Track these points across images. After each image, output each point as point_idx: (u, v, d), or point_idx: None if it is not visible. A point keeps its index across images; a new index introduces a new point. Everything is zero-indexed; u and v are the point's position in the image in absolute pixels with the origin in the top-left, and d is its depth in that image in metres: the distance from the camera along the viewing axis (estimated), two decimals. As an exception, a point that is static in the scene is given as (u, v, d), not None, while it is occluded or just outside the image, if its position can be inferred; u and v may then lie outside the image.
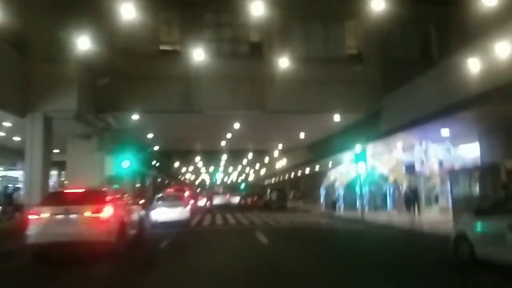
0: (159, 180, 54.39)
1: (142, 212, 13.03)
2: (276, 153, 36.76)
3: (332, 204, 26.27)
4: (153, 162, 39.94)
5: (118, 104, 16.96)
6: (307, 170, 41.74)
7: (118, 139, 22.43)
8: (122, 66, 16.94)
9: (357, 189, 24.36)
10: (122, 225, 9.98)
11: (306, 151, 32.78)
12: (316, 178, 46.02)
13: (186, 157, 40.50)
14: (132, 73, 16.94)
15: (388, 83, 18.81)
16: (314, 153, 31.10)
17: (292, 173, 47.72)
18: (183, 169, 53.79)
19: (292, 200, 42.20)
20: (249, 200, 50.81)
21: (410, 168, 18.79)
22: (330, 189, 30.68)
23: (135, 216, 12.17)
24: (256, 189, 76.29)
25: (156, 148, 29.78)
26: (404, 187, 21.37)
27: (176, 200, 19.11)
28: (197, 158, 41.05)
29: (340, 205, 26.67)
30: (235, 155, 38.69)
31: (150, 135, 23.63)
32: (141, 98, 16.96)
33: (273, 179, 60.73)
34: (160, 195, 20.52)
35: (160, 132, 23.00)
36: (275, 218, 22.52)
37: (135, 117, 18.22)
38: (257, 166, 53.13)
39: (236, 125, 21.20)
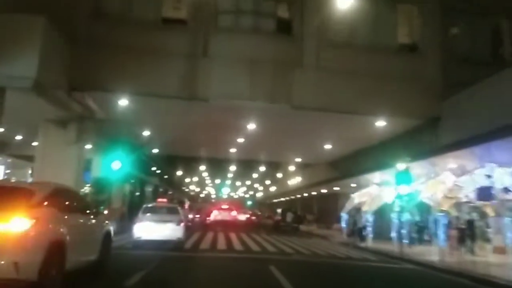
0: (161, 190, 50.42)
1: (107, 228, 8.81)
2: (291, 168, 32.46)
3: (358, 231, 21.74)
4: (153, 168, 35.97)
5: (100, 82, 12.95)
6: (324, 190, 37.28)
7: (105, 132, 18.41)
8: (110, 33, 13.05)
9: (393, 217, 19.87)
10: (55, 249, 5.79)
11: (327, 168, 28.43)
12: (332, 201, 41.60)
13: (190, 165, 36.42)
14: (121, 43, 13.02)
15: (450, 85, 14.60)
16: (336, 170, 26.73)
17: (305, 193, 43.28)
18: (187, 179, 49.64)
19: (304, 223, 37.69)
20: (256, 218, 46.62)
21: (484, 195, 14.30)
22: (354, 213, 26.18)
23: (93, 234, 8.01)
24: (264, 208, 72.08)
25: (155, 151, 25.73)
26: (457, 218, 16.91)
27: (168, 213, 14.87)
28: (202, 167, 36.86)
29: (368, 234, 22.11)
30: (245, 167, 34.55)
31: (145, 133, 19.57)
32: (131, 76, 12.96)
33: (283, 198, 56.16)
34: (150, 205, 16.28)
35: (157, 129, 18.93)
36: (291, 245, 18.11)
37: (123, 102, 14.19)
38: (268, 182, 48.78)
39: (251, 126, 17.05)
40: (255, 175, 40.55)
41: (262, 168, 34.32)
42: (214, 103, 13.64)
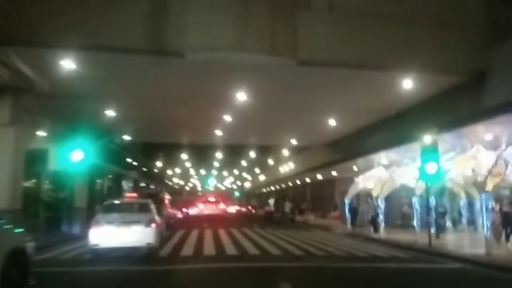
0: (142, 185, 46.50)
1: (16, 244, 5.24)
2: (284, 152, 29.03)
3: (371, 220, 18.54)
4: (129, 160, 32.08)
5: (30, 31, 9.16)
6: (319, 177, 34.05)
7: (55, 112, 14.60)
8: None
9: (415, 202, 16.69)
10: None
11: (325, 151, 25.14)
12: (327, 187, 38.42)
13: (171, 154, 32.60)
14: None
15: (498, 29, 11.32)
16: (337, 152, 23.43)
17: (298, 181, 39.99)
18: (169, 172, 45.74)
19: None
20: (246, 210, 43.10)
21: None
22: (358, 200, 23.09)
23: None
24: (252, 198, 68.71)
25: (126, 138, 21.89)
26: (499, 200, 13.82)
27: (136, 212, 11.26)
28: (184, 156, 33.06)
29: (380, 222, 18.95)
30: (233, 153, 30.97)
31: (109, 112, 15.77)
32: (73, 23, 9.19)
33: (273, 187, 52.85)
34: (112, 202, 12.61)
35: (123, 107, 15.14)
36: (293, 241, 14.75)
37: (68, 65, 10.41)
38: (257, 170, 45.36)
39: (240, 97, 13.48)
40: (243, 163, 37.01)
41: (252, 155, 30.77)
42: (193, 59, 9.98)
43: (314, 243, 14.63)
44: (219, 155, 31.67)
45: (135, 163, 32.82)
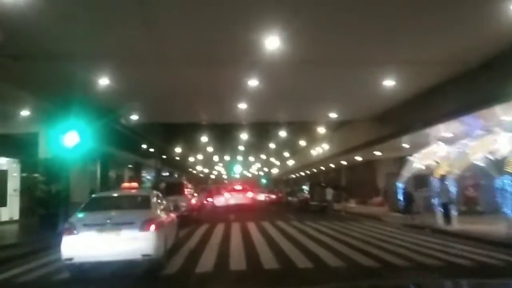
0: (165, 174, 43.76)
1: None
2: (320, 130, 25.10)
3: (443, 208, 14.57)
4: (144, 146, 29.00)
5: None
6: (358, 158, 30.04)
7: (24, 78, 11.36)
8: None
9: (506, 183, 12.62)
10: None
11: (370, 126, 21.13)
12: (366, 170, 34.25)
13: (191, 138, 29.24)
14: None
15: None
16: (387, 125, 19.38)
17: (332, 164, 36.05)
18: (191, 158, 42.58)
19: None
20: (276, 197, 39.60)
21: None
22: (414, 183, 19.13)
23: None
24: (280, 185, 65.12)
25: (133, 118, 18.56)
26: None
27: (127, 209, 7.85)
28: (204, 139, 29.56)
29: (452, 210, 14.96)
30: (260, 134, 27.24)
31: (102, 81, 12.34)
32: None
33: (303, 172, 49.03)
34: (100, 195, 9.22)
35: (116, 72, 11.63)
36: (347, 240, 11.05)
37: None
38: (286, 154, 41.63)
39: (270, 43, 9.72)
40: (271, 145, 33.28)
41: (281, 134, 26.96)
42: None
43: (376, 242, 10.90)
44: (244, 136, 28.00)
45: (151, 150, 29.71)
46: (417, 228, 14.50)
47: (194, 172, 52.37)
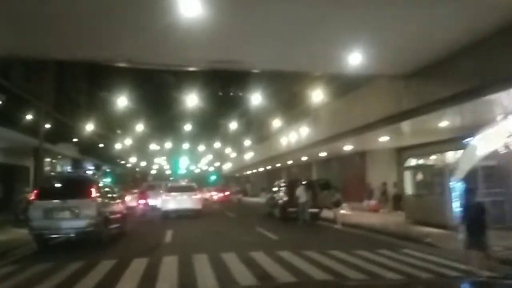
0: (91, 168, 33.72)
1: None
2: (310, 99, 16.87)
3: None
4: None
5: None
6: (349, 147, 22.09)
7: None
8: None
9: None
10: None
11: (389, 91, 13.31)
12: (351, 165, 26.33)
13: (114, 112, 19.85)
14: None
15: None
16: (443, 84, 11.50)
17: (304, 157, 28.01)
18: (118, 145, 32.35)
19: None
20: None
21: None
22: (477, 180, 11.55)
23: None
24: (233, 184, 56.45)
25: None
26: None
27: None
28: (135, 115, 20.24)
29: None
30: (215, 106, 18.55)
31: None
32: None
33: (264, 167, 40.73)
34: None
35: None
36: None
37: None
38: (247, 142, 33.08)
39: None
40: (232, 125, 24.63)
41: (247, 108, 18.49)
42: None
43: None
44: (191, 112, 19.09)
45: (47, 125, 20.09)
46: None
47: (128, 165, 42.24)
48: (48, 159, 25.25)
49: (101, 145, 29.71)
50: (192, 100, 16.17)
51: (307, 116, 20.53)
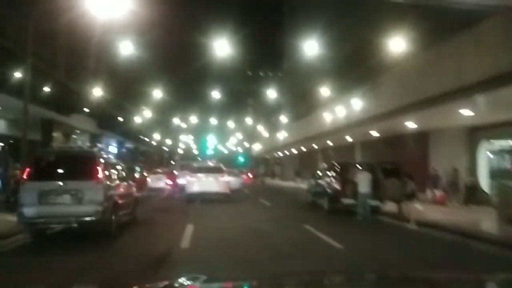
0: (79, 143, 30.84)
1: None
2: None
3: None
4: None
5: None
6: (413, 125, 17.92)
7: None
8: None
9: None
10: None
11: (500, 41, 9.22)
12: (403, 148, 22.11)
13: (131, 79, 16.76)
14: None
15: None
16: None
17: (348, 137, 24.04)
18: (138, 120, 29.21)
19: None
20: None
21: None
22: None
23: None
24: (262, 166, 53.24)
25: None
26: None
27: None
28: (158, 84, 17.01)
29: None
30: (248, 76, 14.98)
31: None
32: None
33: (297, 148, 37.02)
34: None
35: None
36: None
37: None
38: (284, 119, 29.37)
39: None
40: (269, 94, 20.96)
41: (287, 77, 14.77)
42: None
43: None
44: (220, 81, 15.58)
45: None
46: None
47: (153, 143, 39.43)
48: (59, 133, 22.50)
49: (121, 119, 26.79)
50: (222, 54, 12.46)
51: (365, 82, 16.56)
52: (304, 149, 35.45)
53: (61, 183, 8.08)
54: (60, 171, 8.47)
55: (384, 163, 13.50)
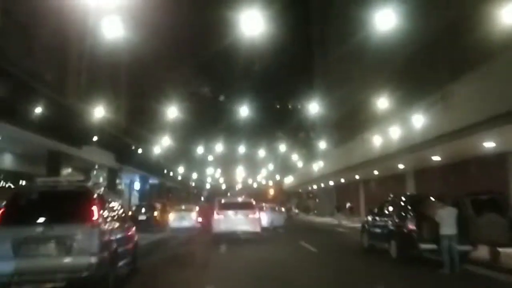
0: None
1: None
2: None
3: None
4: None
5: None
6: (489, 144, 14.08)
7: None
8: None
9: None
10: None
11: None
12: (467, 176, 17.75)
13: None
14: None
15: None
16: None
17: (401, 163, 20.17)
18: (157, 150, 26.58)
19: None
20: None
21: None
22: None
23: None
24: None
25: None
26: None
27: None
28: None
29: None
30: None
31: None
32: None
33: (332, 181, 33.29)
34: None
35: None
36: None
37: None
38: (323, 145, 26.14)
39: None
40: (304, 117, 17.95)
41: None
42: None
43: None
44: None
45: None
46: None
47: (179, 178, 36.75)
48: (69, 169, 20.08)
49: (140, 151, 24.33)
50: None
51: (433, 94, 13.26)
52: (343, 180, 31.79)
53: (44, 228, 6.29)
54: (43, 212, 6.54)
55: (477, 194, 9.86)
